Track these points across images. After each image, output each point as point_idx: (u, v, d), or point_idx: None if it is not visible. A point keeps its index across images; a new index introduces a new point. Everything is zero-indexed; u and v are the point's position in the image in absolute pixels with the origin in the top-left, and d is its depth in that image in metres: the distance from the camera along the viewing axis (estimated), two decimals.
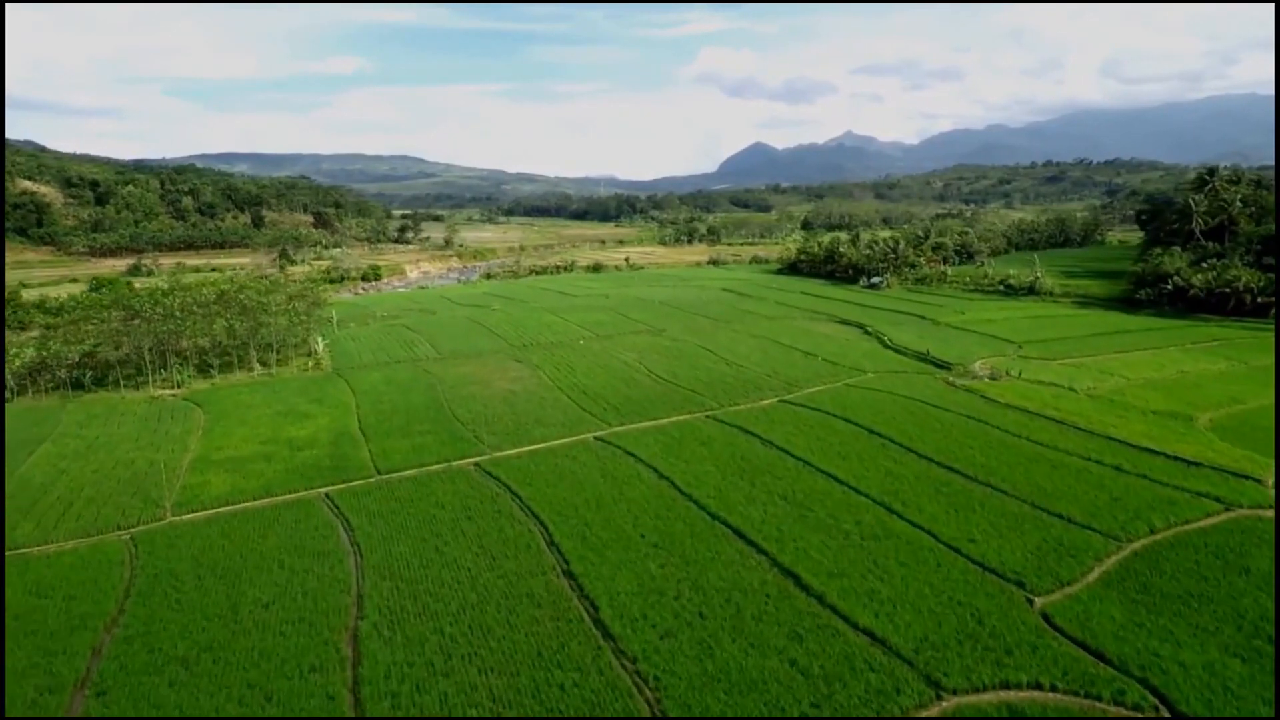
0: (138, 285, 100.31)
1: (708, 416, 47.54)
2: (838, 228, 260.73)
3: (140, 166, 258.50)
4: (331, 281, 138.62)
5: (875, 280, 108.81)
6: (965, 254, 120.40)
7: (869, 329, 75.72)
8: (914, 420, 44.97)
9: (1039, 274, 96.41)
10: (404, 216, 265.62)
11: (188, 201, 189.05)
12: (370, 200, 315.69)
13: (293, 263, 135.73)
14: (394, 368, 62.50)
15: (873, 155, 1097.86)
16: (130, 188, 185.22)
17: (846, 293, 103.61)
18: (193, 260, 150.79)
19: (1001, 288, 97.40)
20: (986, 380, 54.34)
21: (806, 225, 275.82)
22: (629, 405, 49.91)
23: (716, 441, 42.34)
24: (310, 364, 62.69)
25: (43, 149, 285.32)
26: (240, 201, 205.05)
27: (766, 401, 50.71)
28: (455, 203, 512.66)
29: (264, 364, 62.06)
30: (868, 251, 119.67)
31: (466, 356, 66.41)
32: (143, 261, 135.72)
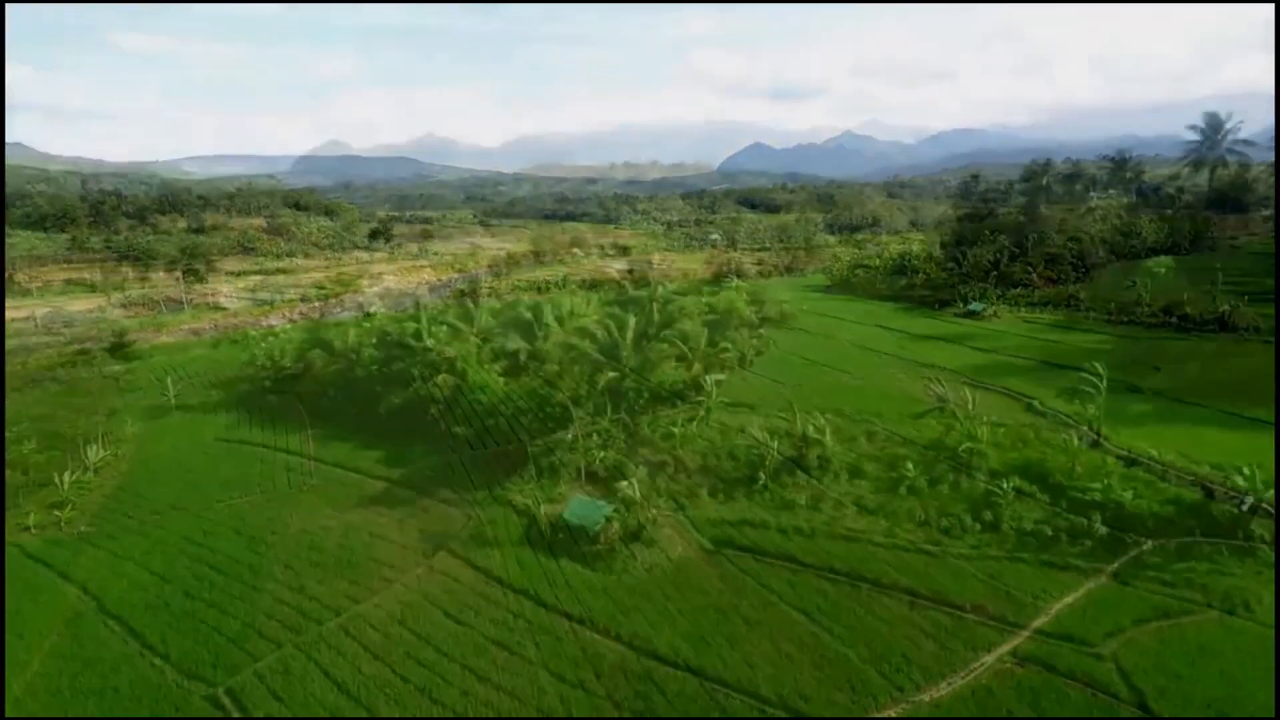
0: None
1: None
2: (860, 229, 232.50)
3: (102, 167, 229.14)
4: (259, 304, 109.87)
5: (974, 307, 79.80)
6: (1081, 267, 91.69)
7: (1037, 405, 46.63)
8: None
9: (1225, 300, 67.46)
10: (384, 219, 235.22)
11: (112, 203, 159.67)
12: (347, 203, 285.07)
13: (202, 281, 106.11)
14: (192, 534, 33.18)
15: (873, 155, 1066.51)
16: (42, 187, 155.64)
17: (941, 325, 74.61)
18: (99, 276, 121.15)
19: (1173, 320, 68.38)
20: None
21: (830, 228, 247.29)
22: None
23: None
24: (37, 519, 32.66)
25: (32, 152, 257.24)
26: (180, 205, 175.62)
27: (991, 657, 21.84)
28: (450, 203, 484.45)
29: None
30: (950, 265, 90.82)
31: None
32: (14, 279, 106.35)
